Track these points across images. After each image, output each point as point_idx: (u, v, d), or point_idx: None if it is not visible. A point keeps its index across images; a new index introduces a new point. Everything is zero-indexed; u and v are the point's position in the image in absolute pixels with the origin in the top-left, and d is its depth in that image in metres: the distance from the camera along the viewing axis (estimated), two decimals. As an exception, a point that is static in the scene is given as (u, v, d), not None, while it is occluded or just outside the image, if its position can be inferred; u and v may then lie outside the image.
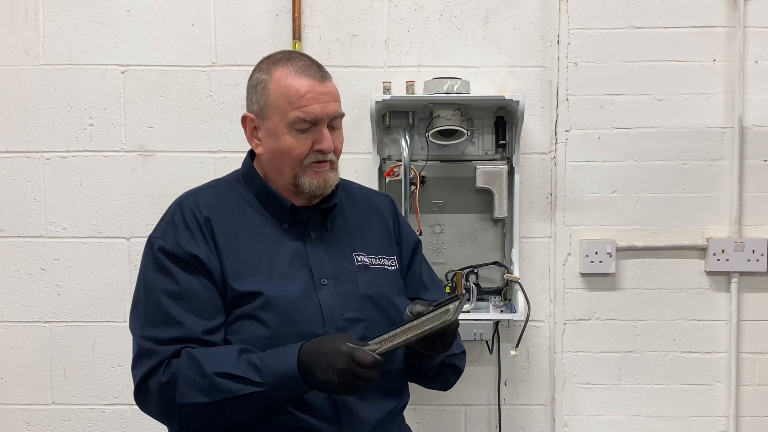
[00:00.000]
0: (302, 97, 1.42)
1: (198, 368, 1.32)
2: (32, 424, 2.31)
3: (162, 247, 1.41)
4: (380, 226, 1.60)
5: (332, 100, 1.46)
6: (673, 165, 2.30)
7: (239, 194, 1.51)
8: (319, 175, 1.46)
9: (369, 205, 1.63)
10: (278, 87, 1.44)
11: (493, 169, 2.20)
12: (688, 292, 2.32)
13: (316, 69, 1.47)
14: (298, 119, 1.42)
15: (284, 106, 1.43)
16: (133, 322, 1.45)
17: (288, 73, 1.44)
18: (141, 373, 1.39)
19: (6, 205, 2.28)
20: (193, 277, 1.39)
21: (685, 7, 2.28)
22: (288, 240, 1.47)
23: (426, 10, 2.29)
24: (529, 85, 2.29)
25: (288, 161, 1.45)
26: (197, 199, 1.48)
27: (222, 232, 1.43)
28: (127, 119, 2.28)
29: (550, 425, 2.34)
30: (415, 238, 1.68)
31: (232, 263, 1.41)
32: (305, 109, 1.42)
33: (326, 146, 1.44)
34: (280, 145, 1.44)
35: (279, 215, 1.49)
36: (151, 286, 1.42)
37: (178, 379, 1.33)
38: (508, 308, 2.22)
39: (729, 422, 2.33)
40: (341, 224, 1.55)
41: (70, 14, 2.26)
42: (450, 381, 1.62)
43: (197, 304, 1.38)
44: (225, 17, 2.27)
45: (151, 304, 1.41)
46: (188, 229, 1.42)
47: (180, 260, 1.40)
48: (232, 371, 1.31)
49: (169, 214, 1.47)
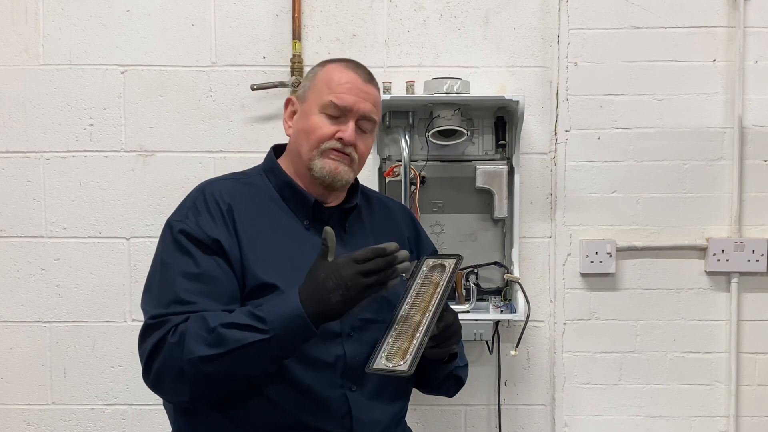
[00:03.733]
0: (341, 84, 1.46)
1: (205, 324, 1.30)
2: (32, 424, 2.31)
3: (183, 230, 1.40)
4: (394, 233, 1.60)
5: (369, 101, 1.48)
6: (673, 165, 2.30)
7: (261, 187, 1.51)
8: (332, 163, 1.46)
9: (385, 211, 1.64)
10: (324, 73, 1.50)
11: (493, 169, 2.20)
12: (688, 292, 2.32)
13: (365, 71, 1.51)
14: (330, 103, 1.45)
15: (323, 89, 1.47)
16: (145, 301, 1.42)
17: (339, 66, 1.50)
18: (150, 345, 1.34)
19: (6, 205, 2.28)
20: (213, 261, 1.38)
21: (685, 7, 2.28)
22: (308, 236, 1.47)
23: (426, 10, 2.29)
24: (529, 85, 2.29)
25: (309, 141, 1.46)
26: (220, 186, 1.48)
27: (243, 221, 1.43)
28: (127, 119, 2.28)
29: (550, 425, 2.34)
30: (433, 248, 1.70)
31: (252, 252, 1.41)
32: (339, 96, 1.45)
33: (347, 136, 1.45)
34: (308, 123, 1.47)
35: (301, 211, 1.49)
36: (168, 266, 1.39)
37: (186, 337, 1.30)
38: (508, 308, 2.22)
39: (729, 422, 2.33)
40: (359, 226, 1.55)
41: (70, 14, 2.26)
42: (452, 391, 1.63)
43: (214, 288, 1.37)
44: (225, 17, 2.27)
45: (166, 283, 1.38)
46: (210, 215, 1.42)
47: (201, 243, 1.39)
48: (237, 321, 1.30)
49: (191, 199, 1.47)
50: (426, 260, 1.49)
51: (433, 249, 1.70)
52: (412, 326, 1.34)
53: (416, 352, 1.29)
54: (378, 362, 1.30)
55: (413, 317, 1.36)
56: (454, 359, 1.53)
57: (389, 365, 1.28)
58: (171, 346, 1.31)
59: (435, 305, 1.35)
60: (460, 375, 1.60)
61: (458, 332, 1.46)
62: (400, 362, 1.28)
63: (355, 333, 1.42)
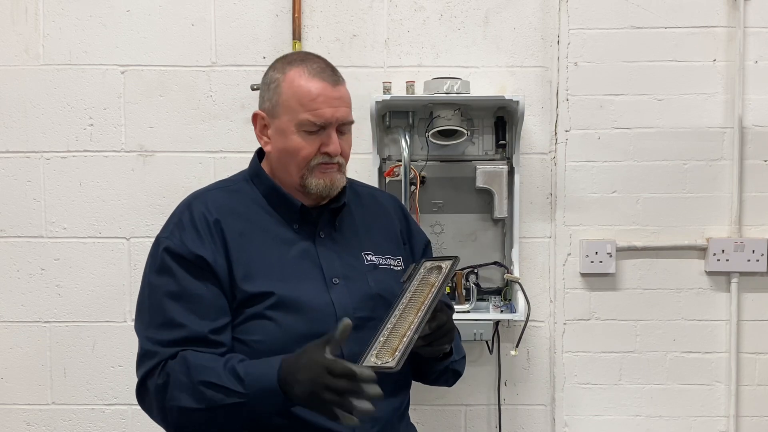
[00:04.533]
0: (313, 99, 1.42)
1: (187, 372, 1.33)
2: (32, 424, 2.31)
3: (168, 247, 1.41)
4: (386, 227, 1.60)
5: (343, 105, 1.46)
6: (673, 165, 2.30)
7: (248, 194, 1.51)
8: (326, 176, 1.46)
9: (375, 204, 1.64)
10: (290, 87, 1.44)
11: (493, 169, 2.20)
12: (688, 292, 2.32)
13: (330, 73, 1.47)
14: (307, 121, 1.43)
15: (295, 106, 1.43)
16: (138, 323, 1.45)
17: (302, 74, 1.45)
18: (141, 374, 1.40)
19: (6, 205, 2.28)
20: (196, 280, 1.39)
21: (685, 7, 2.28)
22: (298, 240, 1.47)
23: (426, 10, 2.29)
24: (529, 85, 2.29)
25: (295, 162, 1.46)
26: (206, 200, 1.48)
27: (232, 233, 1.43)
28: (127, 119, 2.28)
29: (550, 425, 2.34)
30: (425, 238, 1.69)
31: (243, 264, 1.41)
32: (315, 113, 1.42)
33: (333, 150, 1.45)
34: (288, 144, 1.45)
35: (288, 215, 1.49)
36: (155, 288, 1.42)
37: (170, 383, 1.34)
38: (508, 308, 2.22)
39: (729, 422, 2.33)
40: (349, 224, 1.55)
41: (70, 14, 2.26)
42: (450, 382, 1.64)
43: (200, 306, 1.38)
44: (225, 17, 2.27)
45: (154, 306, 1.41)
46: (195, 230, 1.42)
47: (185, 261, 1.40)
48: (216, 381, 1.31)
49: (177, 214, 1.47)
50: (424, 262, 1.49)
51: (426, 240, 1.68)
52: (405, 325, 1.35)
53: (405, 349, 1.30)
54: (368, 359, 1.31)
55: (407, 317, 1.37)
56: (449, 356, 1.53)
57: (378, 362, 1.30)
58: (157, 387, 1.36)
59: (427, 305, 1.36)
60: (457, 368, 1.61)
61: (451, 332, 1.46)
62: (389, 359, 1.30)
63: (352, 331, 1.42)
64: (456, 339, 1.54)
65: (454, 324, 1.48)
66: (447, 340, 1.45)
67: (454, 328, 1.48)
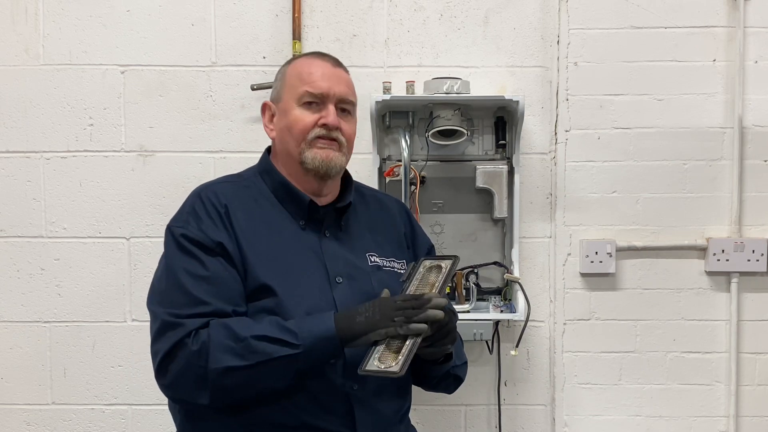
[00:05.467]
0: (312, 74, 1.49)
1: (231, 333, 1.32)
2: (32, 424, 2.31)
3: (185, 234, 1.40)
4: (390, 230, 1.61)
5: (343, 84, 1.51)
6: (673, 165, 2.30)
7: (256, 189, 1.51)
8: (323, 152, 1.47)
9: (380, 207, 1.64)
10: (293, 69, 1.53)
11: (493, 169, 2.20)
12: (688, 292, 2.32)
13: (333, 58, 1.55)
14: (306, 93, 1.47)
15: (296, 83, 1.49)
16: (155, 305, 1.41)
17: (305, 59, 1.55)
18: (166, 347, 1.34)
19: (6, 205, 2.28)
20: (219, 264, 1.39)
21: (685, 7, 2.28)
22: (304, 237, 1.48)
23: (426, 10, 2.29)
24: (529, 85, 2.29)
25: (293, 135, 1.48)
26: (215, 189, 1.48)
27: (239, 223, 1.43)
28: (127, 119, 2.28)
29: (550, 425, 2.34)
30: (429, 243, 1.70)
31: (251, 254, 1.41)
32: (314, 84, 1.48)
33: (330, 120, 1.46)
34: (288, 119, 1.48)
35: (296, 211, 1.49)
36: (175, 270, 1.39)
37: (210, 346, 1.31)
38: (508, 308, 2.22)
39: (729, 422, 2.33)
40: (355, 224, 1.56)
41: (70, 14, 2.26)
42: (450, 388, 1.63)
43: (224, 290, 1.38)
44: (225, 17, 2.27)
45: (176, 286, 1.38)
46: (210, 218, 1.42)
47: (205, 247, 1.39)
48: (269, 333, 1.32)
49: (189, 204, 1.47)
50: (423, 261, 1.49)
51: (429, 244, 1.69)
52: None
53: (408, 352, 1.30)
54: (371, 363, 1.31)
55: None
56: (449, 360, 1.52)
57: (381, 366, 1.29)
58: (192, 353, 1.32)
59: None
60: (459, 373, 1.59)
61: (452, 333, 1.45)
62: (392, 363, 1.29)
63: None
64: (458, 345, 1.54)
65: (455, 325, 1.47)
66: (449, 341, 1.44)
67: (455, 328, 1.47)
